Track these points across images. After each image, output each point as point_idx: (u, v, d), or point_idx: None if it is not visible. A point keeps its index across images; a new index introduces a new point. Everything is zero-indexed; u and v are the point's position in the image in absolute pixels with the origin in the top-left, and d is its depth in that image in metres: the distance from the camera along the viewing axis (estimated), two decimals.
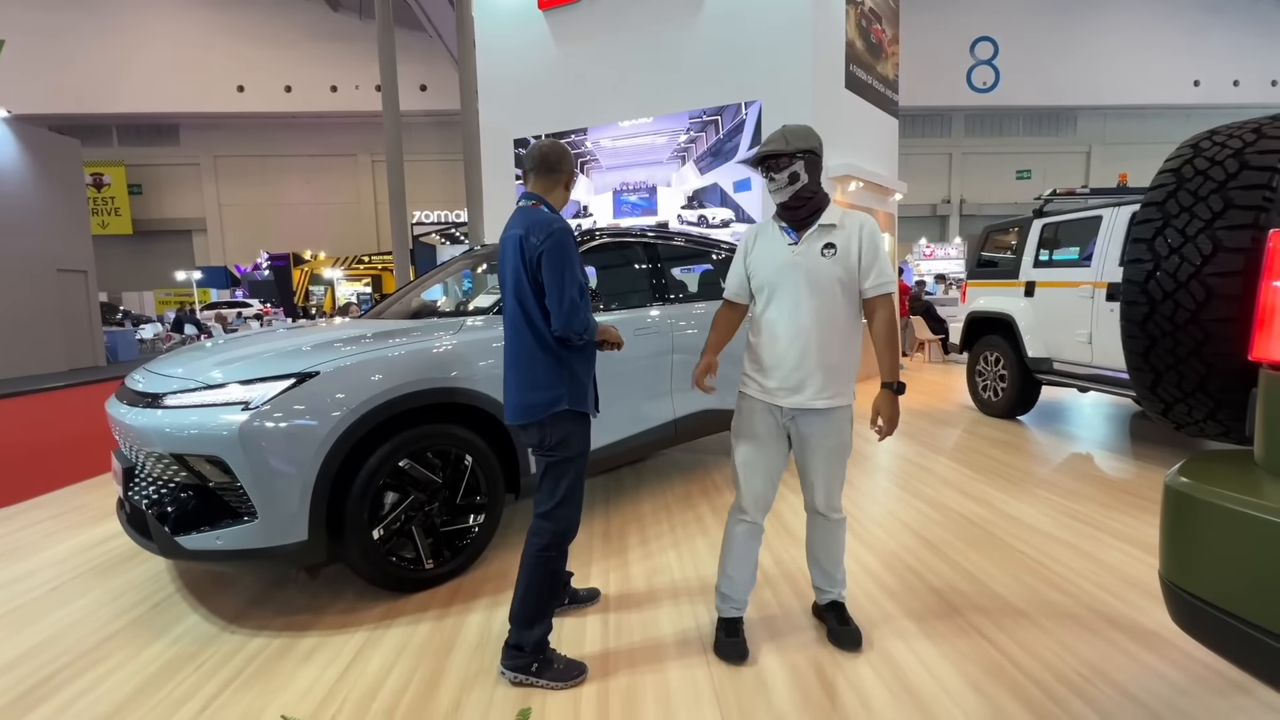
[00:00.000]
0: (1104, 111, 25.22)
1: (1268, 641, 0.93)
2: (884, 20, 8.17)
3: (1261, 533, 0.94)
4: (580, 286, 1.79)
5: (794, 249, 1.84)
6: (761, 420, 1.90)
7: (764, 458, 1.91)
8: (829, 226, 1.83)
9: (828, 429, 1.86)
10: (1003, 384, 5.42)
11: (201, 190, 27.53)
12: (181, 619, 2.30)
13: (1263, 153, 1.26)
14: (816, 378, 1.81)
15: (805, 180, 1.82)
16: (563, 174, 1.95)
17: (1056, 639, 2.02)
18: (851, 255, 1.81)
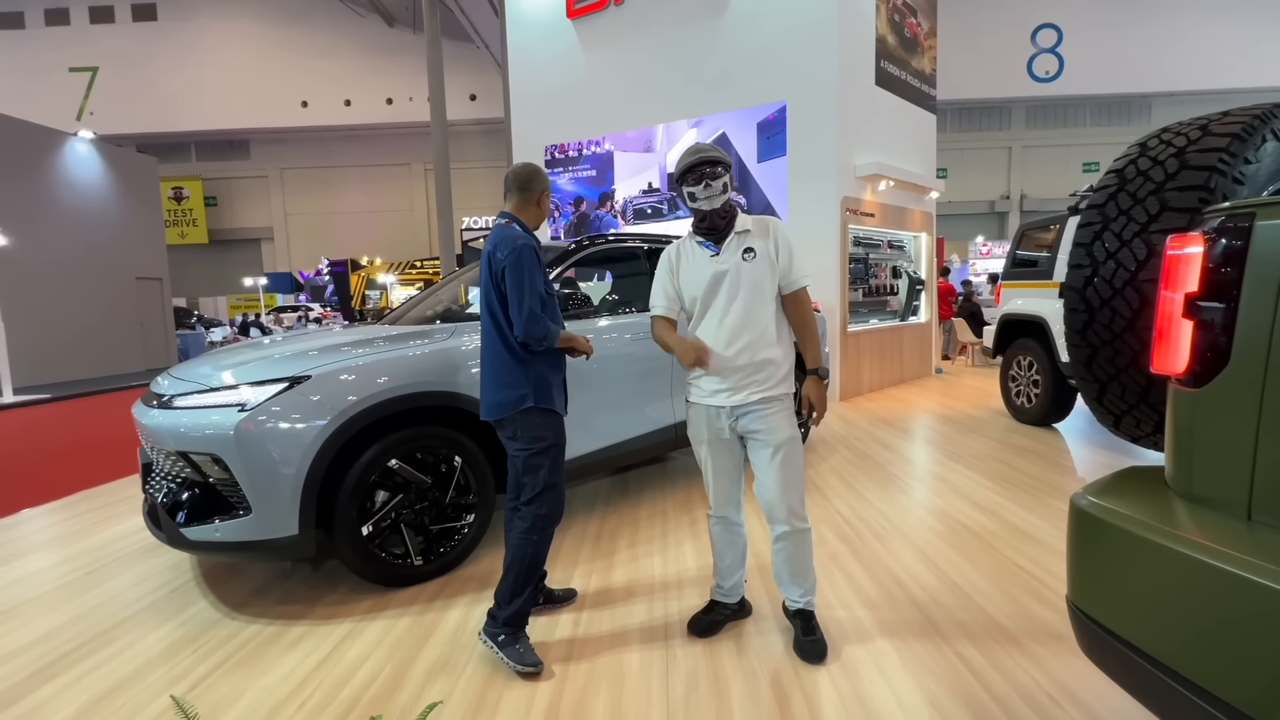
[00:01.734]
0: (1181, 98, 23.49)
1: (1159, 675, 0.89)
2: (919, 14, 7.90)
3: (1159, 560, 0.89)
4: (540, 298, 1.96)
5: (716, 259, 1.94)
6: (710, 424, 1.99)
7: (721, 457, 2.01)
8: (744, 233, 1.95)
9: (773, 421, 1.92)
10: (1036, 390, 5.16)
11: (269, 201, 29.20)
12: (191, 604, 2.48)
13: (1204, 151, 1.18)
14: (757, 376, 1.91)
15: (731, 193, 1.95)
16: (534, 192, 2.12)
17: (1033, 658, 1.93)
18: (770, 255, 1.92)
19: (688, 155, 1.94)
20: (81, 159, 11.77)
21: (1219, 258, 0.86)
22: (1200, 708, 0.81)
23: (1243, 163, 1.17)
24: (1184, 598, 0.85)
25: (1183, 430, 0.95)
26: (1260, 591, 0.75)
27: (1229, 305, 0.85)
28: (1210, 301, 0.87)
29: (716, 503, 2.08)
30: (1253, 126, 1.19)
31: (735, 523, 2.10)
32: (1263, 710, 0.74)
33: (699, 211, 1.94)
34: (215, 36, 26.12)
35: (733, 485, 2.06)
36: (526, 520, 2.02)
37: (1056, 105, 24.77)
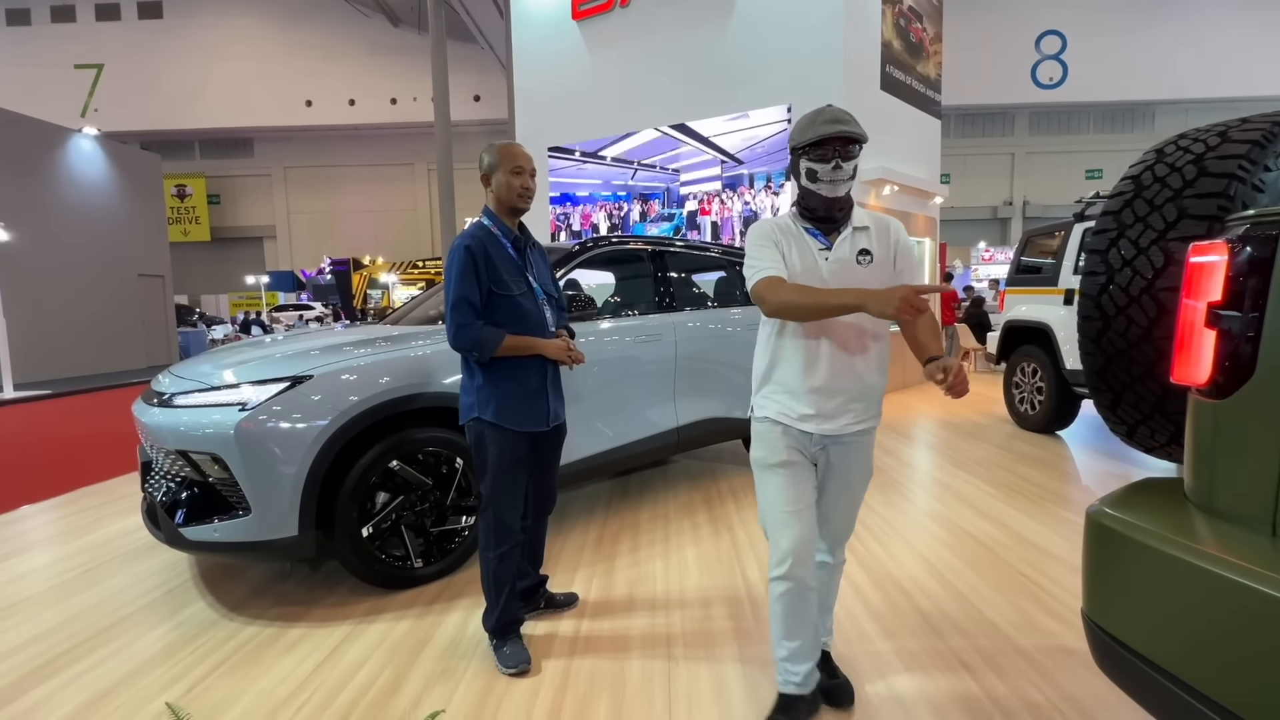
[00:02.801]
0: (1186, 106, 23.50)
1: (1179, 694, 0.86)
2: (925, 19, 7.90)
3: (1180, 575, 0.87)
4: (468, 304, 1.83)
5: (825, 255, 1.54)
6: (790, 449, 1.57)
7: (799, 493, 1.56)
8: (862, 229, 1.57)
9: (859, 456, 1.64)
10: (1040, 397, 5.14)
11: (272, 199, 29.24)
12: (189, 604, 2.46)
13: (1224, 158, 1.16)
14: (856, 404, 1.57)
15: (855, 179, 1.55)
16: (486, 175, 1.96)
17: (1041, 670, 1.90)
18: (888, 265, 1.56)
19: (822, 122, 1.48)
20: (85, 156, 11.78)
21: (1244, 267, 0.84)
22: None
23: (1263, 170, 1.15)
24: (1206, 614, 0.83)
25: (1204, 442, 0.93)
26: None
27: (1255, 315, 0.83)
28: (1235, 311, 0.85)
29: (791, 558, 1.53)
30: (1273, 134, 1.17)
31: (810, 586, 1.56)
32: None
33: (815, 196, 1.53)
34: (220, 35, 26.19)
35: (810, 531, 1.56)
36: (479, 534, 1.99)
37: (1060, 112, 24.79)
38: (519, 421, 1.93)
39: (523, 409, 1.94)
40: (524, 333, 1.92)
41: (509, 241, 1.96)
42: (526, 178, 1.93)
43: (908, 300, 1.27)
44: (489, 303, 1.88)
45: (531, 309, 1.95)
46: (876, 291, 1.34)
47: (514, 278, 1.91)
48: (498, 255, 1.90)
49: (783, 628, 1.59)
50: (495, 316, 1.88)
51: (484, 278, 1.86)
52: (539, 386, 1.97)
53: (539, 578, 2.31)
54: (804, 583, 1.54)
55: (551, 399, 2.02)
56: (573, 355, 2.00)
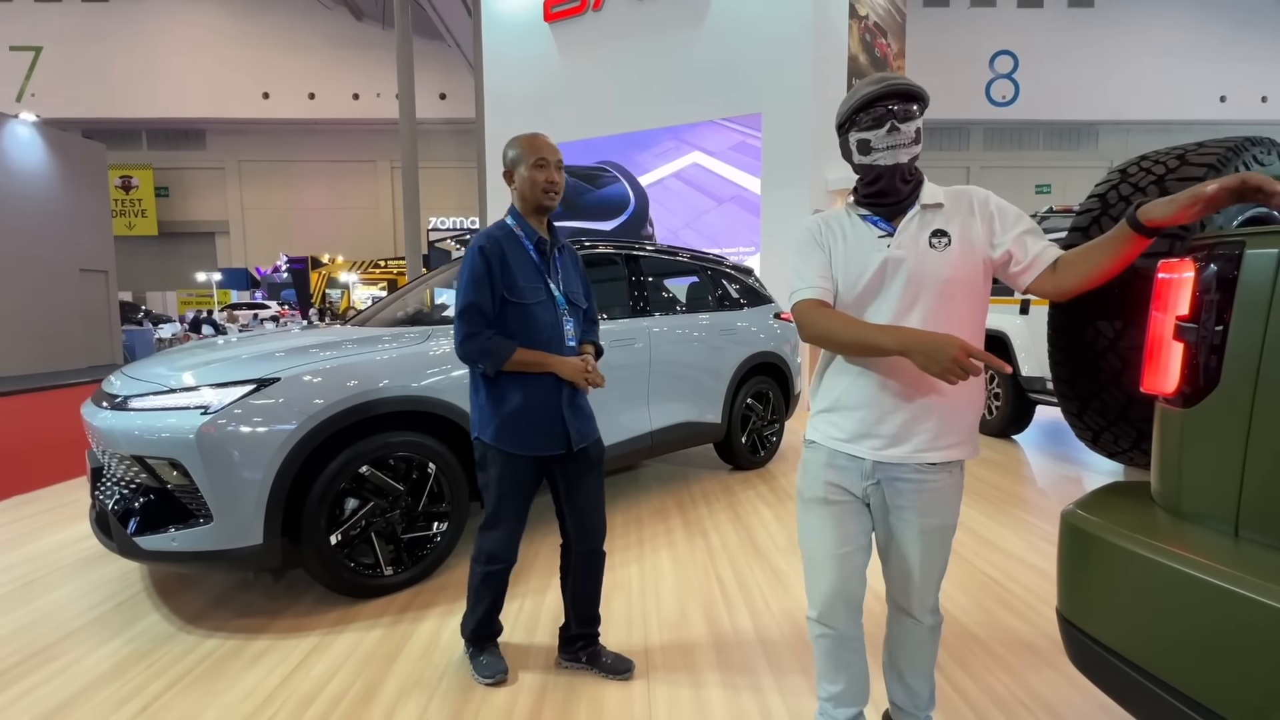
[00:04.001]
0: (1125, 127, 24.83)
1: (1150, 688, 0.91)
2: (889, 35, 8.15)
3: (1147, 573, 0.92)
4: (478, 311, 1.67)
5: (888, 241, 1.28)
6: (833, 476, 1.34)
7: (839, 536, 1.34)
8: (934, 207, 1.29)
9: (934, 499, 1.29)
10: (997, 403, 5.34)
11: (225, 193, 28.15)
12: (142, 618, 2.34)
13: (1183, 179, 1.24)
14: (929, 422, 1.26)
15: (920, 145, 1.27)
16: (508, 169, 1.80)
17: (1007, 667, 1.97)
18: (976, 241, 1.26)
19: (867, 84, 1.27)
20: (22, 142, 11.13)
21: (1210, 283, 0.90)
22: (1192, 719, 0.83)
23: None
24: (1174, 611, 0.87)
25: (1171, 449, 0.98)
26: (1249, 605, 0.78)
27: (1219, 329, 0.88)
28: (1201, 325, 0.90)
29: (826, 607, 1.37)
30: (1226, 158, 1.25)
31: (851, 636, 1.40)
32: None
33: (872, 169, 1.28)
34: (171, 20, 25.10)
35: (854, 582, 1.36)
36: (476, 546, 1.88)
37: (1012, 128, 25.84)
38: (521, 444, 1.75)
39: (528, 431, 1.75)
40: (537, 345, 1.73)
41: (531, 243, 1.78)
42: (552, 171, 1.74)
43: (959, 361, 1.05)
44: (502, 310, 1.71)
45: (548, 319, 1.76)
46: (929, 338, 1.11)
47: (531, 284, 1.74)
48: (515, 258, 1.73)
49: (822, 669, 1.45)
50: (506, 326, 1.71)
51: (497, 283, 1.69)
52: (551, 406, 1.75)
53: (584, 630, 1.97)
54: (840, 631, 1.39)
55: (571, 419, 1.78)
56: (590, 378, 1.78)
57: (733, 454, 4.19)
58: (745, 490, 3.86)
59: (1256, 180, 0.91)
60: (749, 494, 3.79)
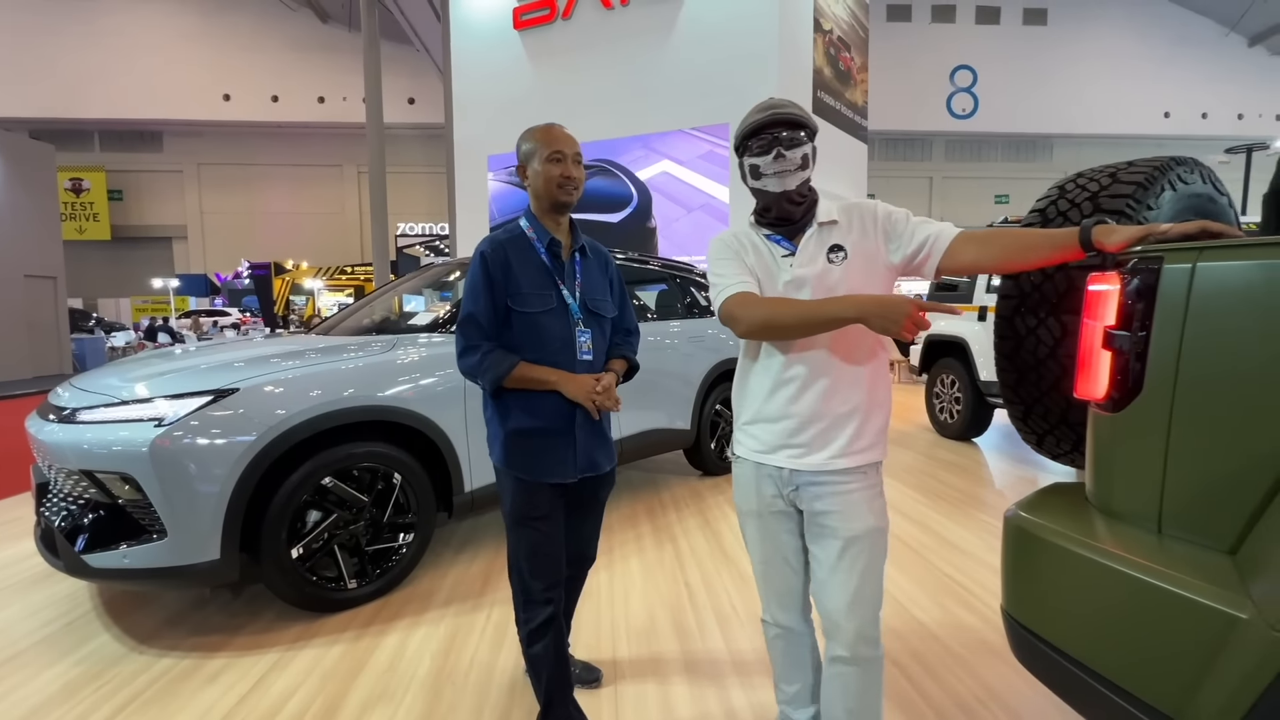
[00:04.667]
0: (1078, 140, 25.87)
1: (1085, 679, 0.96)
2: (853, 49, 8.37)
3: (1080, 570, 0.97)
4: (476, 322, 1.52)
5: (790, 260, 1.32)
6: (760, 489, 1.39)
7: (779, 535, 1.40)
8: (829, 225, 1.33)
9: (853, 502, 1.30)
10: (958, 406, 5.50)
11: (183, 197, 27.30)
12: (92, 638, 2.26)
13: (1114, 196, 1.32)
14: (843, 429, 1.30)
15: (812, 168, 1.33)
16: (522, 165, 1.62)
17: (963, 663, 2.04)
18: (872, 246, 1.30)
19: (756, 111, 1.33)
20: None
21: (1133, 295, 0.96)
22: (1124, 709, 0.89)
23: (1145, 209, 1.30)
24: (1105, 605, 0.93)
25: (1102, 451, 1.04)
26: (1170, 598, 0.83)
27: (1143, 338, 0.94)
28: (1126, 334, 0.96)
29: (775, 605, 1.46)
30: (1153, 177, 1.33)
31: (801, 632, 1.47)
32: (1178, 709, 0.81)
33: (763, 194, 1.34)
34: (126, 18, 24.31)
35: (794, 577, 1.43)
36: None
37: (972, 140, 26.68)
38: (530, 469, 1.55)
39: (535, 454, 1.55)
40: (543, 359, 1.54)
41: (543, 245, 1.59)
42: (569, 165, 1.56)
43: (914, 319, 1.08)
44: (507, 320, 1.54)
45: (556, 330, 1.56)
46: (877, 300, 1.12)
47: (540, 290, 1.55)
48: (522, 262, 1.55)
49: (779, 670, 1.51)
50: (512, 337, 1.54)
51: (499, 291, 1.52)
52: (560, 427, 1.56)
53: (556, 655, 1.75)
54: (792, 629, 1.45)
55: (583, 442, 1.58)
56: (598, 400, 1.53)
57: (702, 460, 4.23)
58: (714, 496, 3.90)
59: (1216, 229, 0.97)
60: (718, 499, 3.83)
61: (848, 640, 1.31)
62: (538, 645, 1.57)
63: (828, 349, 1.30)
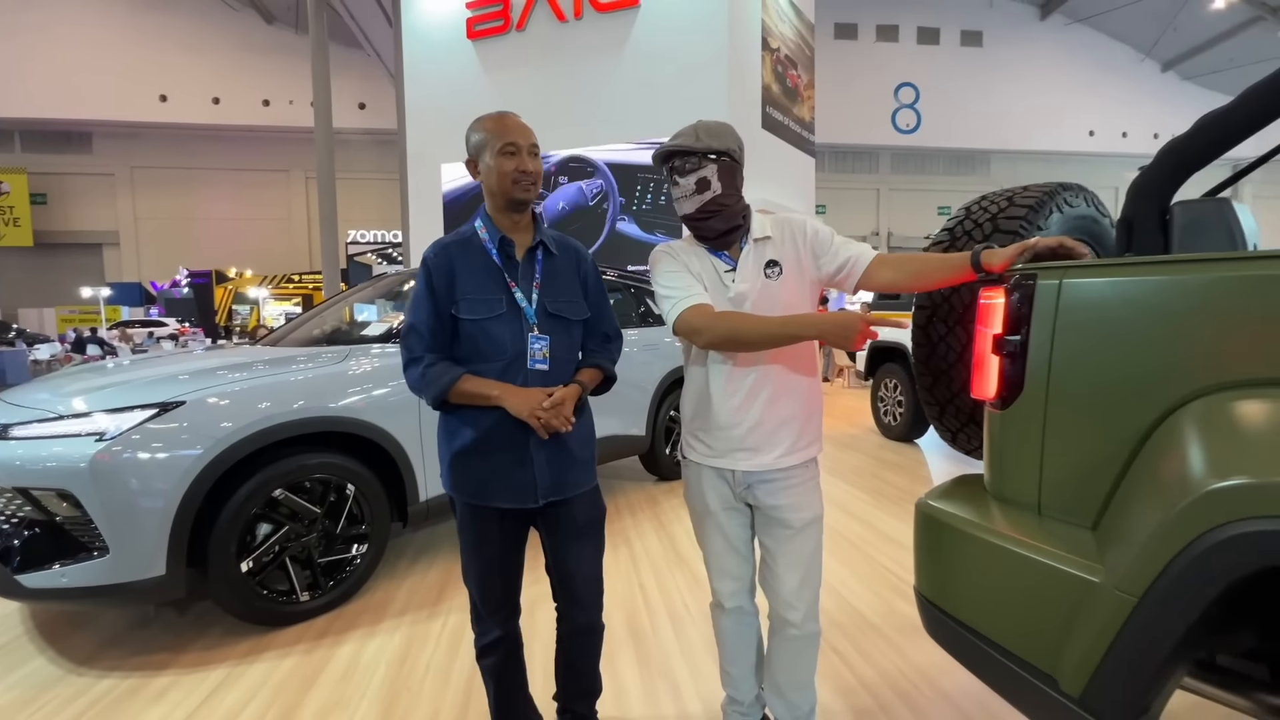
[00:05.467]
0: (1013, 156, 27.34)
1: (982, 646, 1.08)
2: (800, 66, 8.70)
3: (976, 549, 1.10)
4: (415, 332, 1.41)
5: (732, 276, 1.43)
6: (713, 489, 1.51)
7: (728, 530, 1.53)
8: (763, 240, 1.44)
9: (798, 496, 1.46)
10: (900, 409, 5.77)
11: (115, 202, 25.93)
12: (25, 662, 2.18)
13: (1010, 218, 1.48)
14: (787, 431, 1.43)
15: (718, 190, 1.38)
16: (471, 158, 1.48)
17: (896, 648, 2.18)
18: (805, 266, 1.43)
19: (672, 138, 1.42)
20: None
21: (1015, 307, 1.09)
22: (1012, 670, 1.01)
23: (1036, 229, 1.47)
24: (994, 579, 1.05)
25: (994, 445, 1.18)
26: (1046, 570, 0.96)
27: (1022, 344, 1.08)
28: (1010, 341, 1.10)
29: (725, 589, 1.56)
30: (1043, 201, 1.50)
31: (750, 611, 1.61)
32: (1052, 665, 0.94)
33: (683, 219, 1.46)
34: (52, 13, 23.03)
35: (743, 564, 1.56)
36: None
37: (916, 154, 27.84)
38: (476, 493, 1.43)
39: (481, 476, 1.43)
40: (491, 371, 1.40)
41: (494, 244, 1.45)
42: (524, 158, 1.41)
43: (864, 332, 1.22)
44: (455, 329, 1.42)
45: (504, 338, 1.41)
46: (833, 319, 1.26)
47: (486, 294, 1.41)
48: (467, 265, 1.42)
49: (726, 651, 1.62)
50: (460, 347, 1.43)
51: (442, 298, 1.40)
52: (510, 446, 1.42)
53: (574, 706, 1.68)
54: (740, 606, 1.57)
55: (540, 465, 1.43)
56: (544, 418, 1.35)
57: (657, 465, 4.33)
58: (669, 499, 4.00)
59: (1069, 244, 1.16)
60: (673, 503, 3.92)
61: (798, 617, 1.48)
62: (486, 660, 1.55)
63: (773, 360, 1.41)
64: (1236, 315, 0.85)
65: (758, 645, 1.64)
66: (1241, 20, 23.00)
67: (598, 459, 1.75)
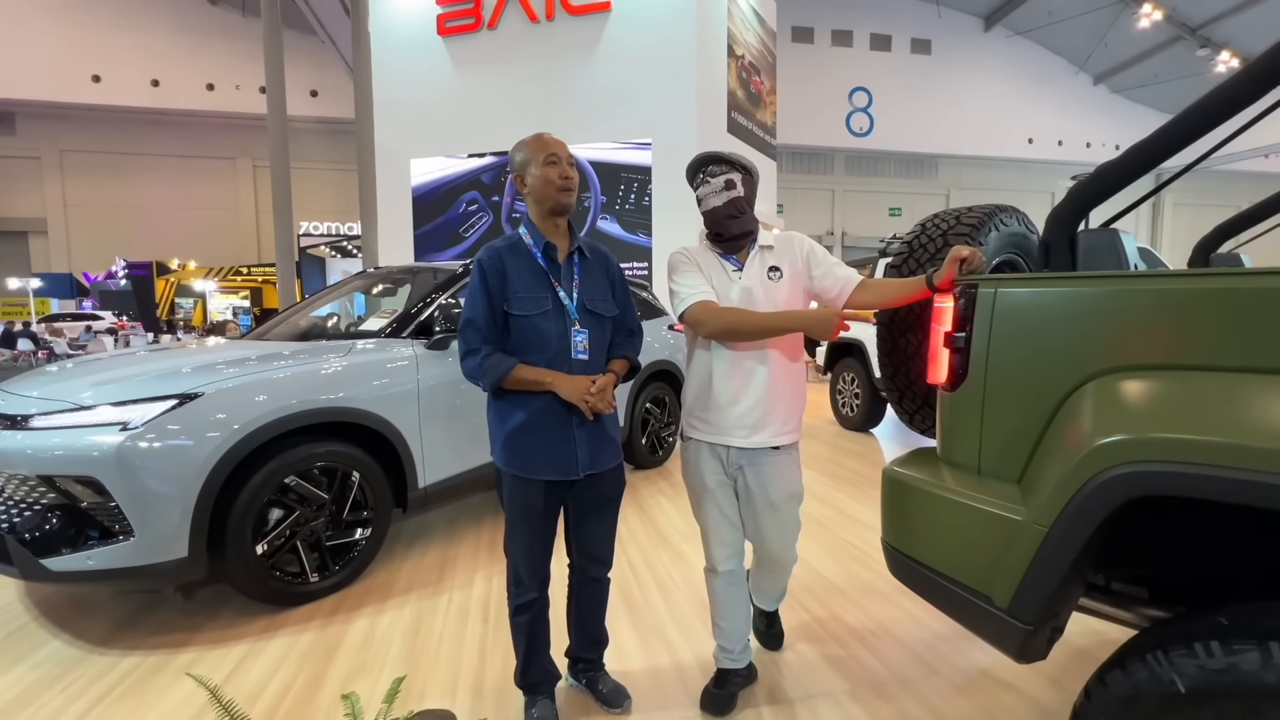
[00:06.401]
0: (959, 160, 28.63)
1: (934, 578, 1.36)
2: (763, 73, 9.05)
3: (932, 503, 1.37)
4: (475, 327, 1.62)
5: (739, 275, 1.70)
6: (709, 467, 1.76)
7: (722, 505, 1.78)
8: (768, 248, 1.72)
9: (782, 474, 1.72)
10: (857, 401, 6.17)
11: (43, 187, 24.44)
12: (41, 645, 2.25)
13: (958, 234, 1.77)
14: (776, 415, 1.69)
15: (740, 193, 1.68)
16: (518, 174, 1.67)
17: (859, 606, 2.49)
18: (800, 275, 1.72)
19: (698, 155, 1.77)
20: None
21: (961, 310, 1.37)
22: (957, 594, 1.29)
23: (978, 243, 1.76)
24: (946, 525, 1.33)
25: (945, 420, 1.46)
26: (984, 515, 1.24)
27: (967, 340, 1.35)
28: (957, 336, 1.37)
29: (720, 556, 1.81)
30: (983, 220, 1.79)
31: (740, 574, 1.86)
32: (988, 586, 1.22)
33: (708, 215, 1.73)
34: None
35: (736, 532, 1.82)
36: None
37: (869, 157, 28.81)
38: (525, 467, 1.64)
39: (533, 452, 1.63)
40: (540, 360, 1.62)
41: (539, 250, 1.66)
42: (565, 166, 1.64)
43: (839, 325, 1.55)
44: (507, 324, 1.64)
45: (551, 332, 1.63)
46: (815, 314, 1.58)
47: (535, 293, 1.63)
48: (517, 267, 1.64)
49: (718, 609, 1.87)
50: (511, 340, 1.64)
51: (496, 296, 1.61)
52: (557, 426, 1.64)
53: (585, 654, 1.93)
54: (733, 571, 1.82)
55: (581, 442, 1.66)
56: (590, 401, 1.60)
57: (634, 455, 4.56)
58: (647, 486, 4.24)
59: (966, 252, 1.46)
60: (650, 489, 4.17)
61: (783, 559, 1.88)
62: (520, 618, 1.75)
63: (769, 348, 1.68)
64: (1120, 318, 1.14)
65: (745, 602, 1.91)
66: (1164, 39, 24.73)
67: None
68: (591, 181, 7.67)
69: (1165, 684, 0.94)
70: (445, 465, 3.02)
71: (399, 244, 8.37)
